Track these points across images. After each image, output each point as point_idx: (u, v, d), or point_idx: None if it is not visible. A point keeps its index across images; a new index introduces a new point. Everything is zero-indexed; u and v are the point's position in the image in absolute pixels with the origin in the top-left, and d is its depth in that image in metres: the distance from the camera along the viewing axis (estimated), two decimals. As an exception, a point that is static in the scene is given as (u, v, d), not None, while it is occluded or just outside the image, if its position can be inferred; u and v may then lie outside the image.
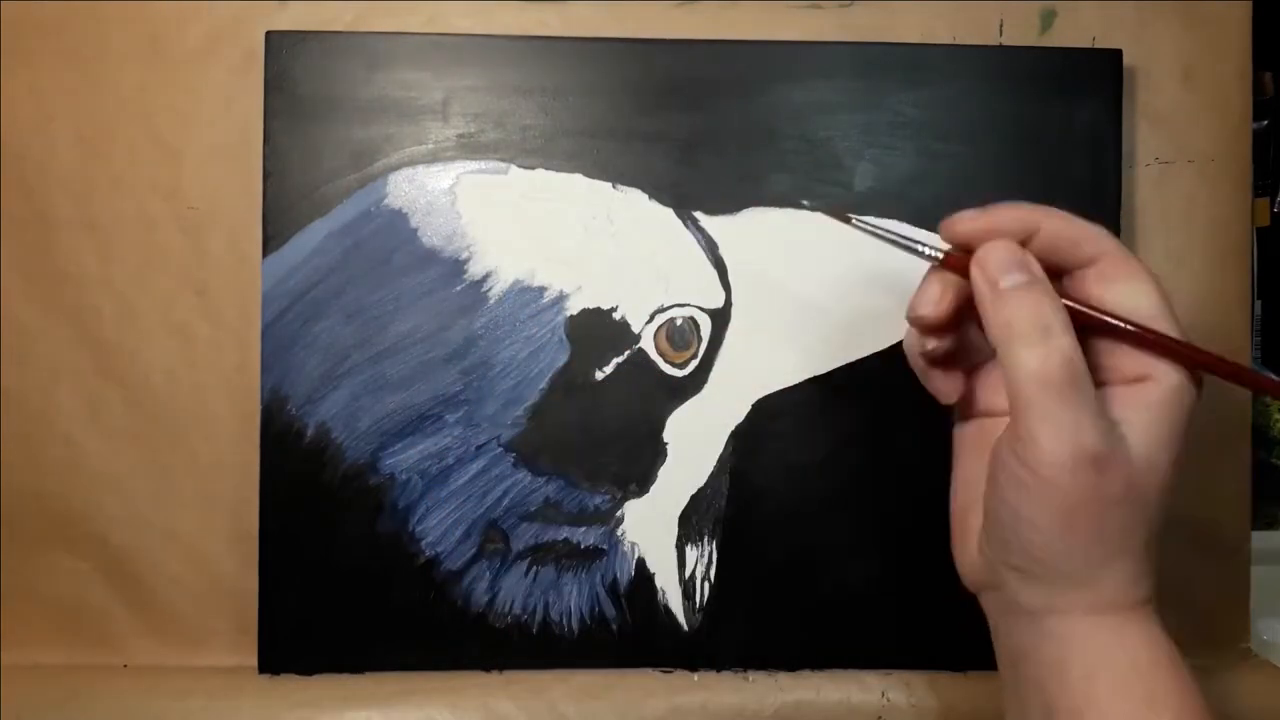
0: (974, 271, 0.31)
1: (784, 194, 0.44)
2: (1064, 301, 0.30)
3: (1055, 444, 0.28)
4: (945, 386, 0.34)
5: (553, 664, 0.43)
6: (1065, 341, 0.28)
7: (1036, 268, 0.30)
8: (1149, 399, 0.29)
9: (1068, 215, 0.31)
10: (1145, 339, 0.30)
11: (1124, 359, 0.30)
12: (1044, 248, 0.31)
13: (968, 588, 0.33)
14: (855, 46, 0.44)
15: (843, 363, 0.44)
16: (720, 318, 0.44)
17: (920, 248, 0.32)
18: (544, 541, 0.43)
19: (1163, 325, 0.30)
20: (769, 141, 0.44)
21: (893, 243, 0.33)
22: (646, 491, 0.44)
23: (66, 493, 0.44)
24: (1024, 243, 0.31)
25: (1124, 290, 0.30)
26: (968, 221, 0.31)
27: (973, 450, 0.34)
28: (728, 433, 0.44)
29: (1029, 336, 0.29)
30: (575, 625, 0.44)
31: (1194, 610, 0.46)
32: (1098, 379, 0.30)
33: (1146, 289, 0.30)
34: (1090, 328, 0.30)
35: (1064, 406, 0.28)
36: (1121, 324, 0.30)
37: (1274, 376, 0.30)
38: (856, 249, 0.44)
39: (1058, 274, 0.31)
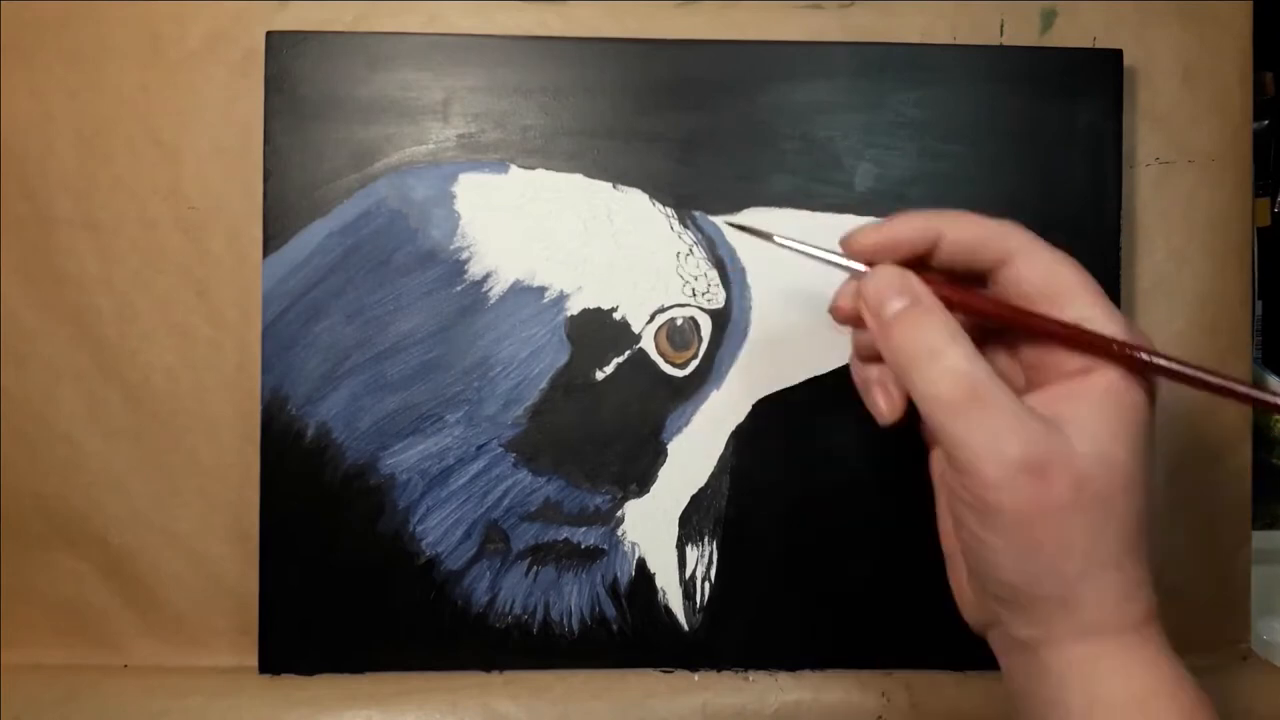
0: (860, 306, 0.30)
1: (784, 194, 0.44)
2: (973, 302, 0.29)
3: (978, 462, 0.26)
4: (884, 404, 0.32)
5: (553, 664, 0.43)
6: (954, 358, 0.27)
7: (918, 287, 0.29)
8: (1093, 391, 0.27)
9: (972, 217, 0.30)
10: (1063, 334, 0.28)
11: (1061, 354, 0.28)
12: (951, 254, 0.30)
13: (973, 630, 0.32)
14: (855, 46, 0.44)
15: (843, 363, 0.43)
16: (721, 318, 0.44)
17: (843, 263, 0.31)
18: (544, 541, 0.43)
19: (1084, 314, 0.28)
20: (769, 141, 0.44)
21: (816, 259, 0.32)
22: (647, 491, 0.44)
23: (66, 493, 0.44)
24: (929, 252, 0.30)
25: (1040, 285, 0.28)
26: (867, 236, 0.30)
27: (942, 481, 0.32)
28: (728, 433, 0.44)
29: (917, 362, 0.28)
30: (575, 625, 0.44)
31: (1194, 610, 0.46)
32: (1040, 378, 0.29)
33: (1063, 279, 0.28)
34: (1018, 329, 0.29)
35: (972, 424, 0.26)
36: (1044, 321, 0.28)
37: (1210, 377, 0.27)
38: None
39: (978, 278, 0.30)
